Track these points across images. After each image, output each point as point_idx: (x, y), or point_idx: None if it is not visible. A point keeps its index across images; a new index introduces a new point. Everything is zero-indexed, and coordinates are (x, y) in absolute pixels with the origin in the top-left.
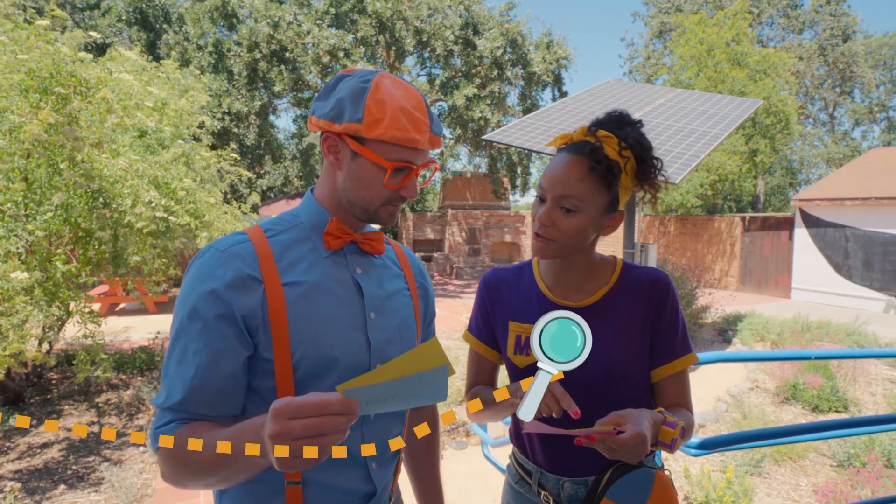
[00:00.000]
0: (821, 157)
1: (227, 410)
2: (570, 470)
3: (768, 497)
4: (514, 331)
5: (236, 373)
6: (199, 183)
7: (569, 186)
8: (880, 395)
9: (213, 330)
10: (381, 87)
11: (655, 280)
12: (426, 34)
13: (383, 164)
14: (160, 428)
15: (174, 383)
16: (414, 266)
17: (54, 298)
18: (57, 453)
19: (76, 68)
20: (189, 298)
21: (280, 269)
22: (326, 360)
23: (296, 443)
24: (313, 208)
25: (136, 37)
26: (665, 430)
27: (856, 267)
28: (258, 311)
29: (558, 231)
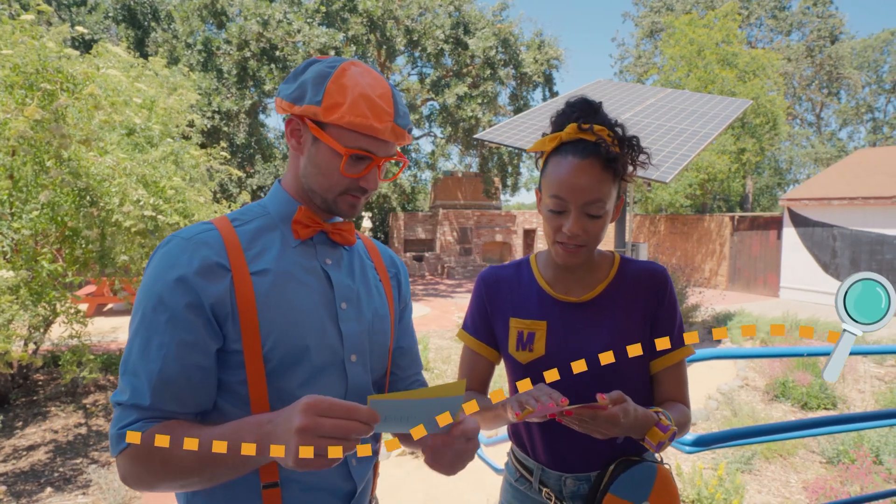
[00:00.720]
0: (808, 157)
1: (196, 406)
2: (571, 466)
3: (759, 494)
4: (515, 327)
5: (206, 365)
6: (189, 182)
7: (593, 192)
8: (868, 392)
9: (181, 321)
10: (347, 73)
11: (653, 273)
12: (417, 33)
13: (339, 150)
14: (125, 427)
15: (138, 379)
16: (385, 257)
17: (40, 298)
18: (43, 455)
19: (62, 64)
20: (154, 288)
21: (248, 257)
22: (298, 350)
23: (321, 440)
24: (281, 198)
25: (124, 34)
26: (655, 431)
27: (843, 266)
28: (226, 300)
29: (588, 237)
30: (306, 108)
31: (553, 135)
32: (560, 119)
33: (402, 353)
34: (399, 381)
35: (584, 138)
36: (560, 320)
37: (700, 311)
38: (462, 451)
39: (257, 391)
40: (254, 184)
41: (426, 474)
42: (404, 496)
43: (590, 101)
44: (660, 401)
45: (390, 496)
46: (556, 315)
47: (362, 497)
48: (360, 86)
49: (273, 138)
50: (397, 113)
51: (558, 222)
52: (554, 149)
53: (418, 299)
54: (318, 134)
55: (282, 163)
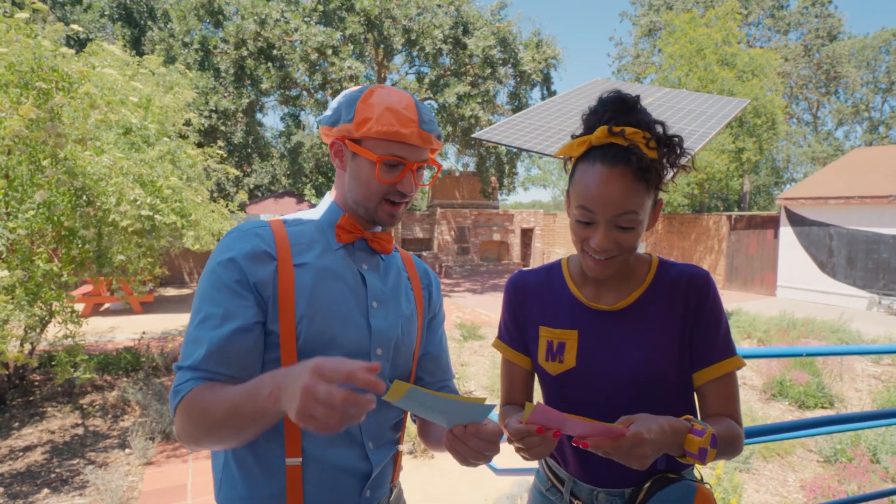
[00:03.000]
0: (805, 156)
1: (242, 371)
2: (604, 480)
3: (757, 493)
4: (544, 336)
5: (253, 334)
6: (186, 181)
7: (623, 205)
8: (865, 392)
9: (233, 294)
10: (375, 93)
11: (693, 278)
12: (415, 33)
13: (372, 158)
14: (179, 385)
15: (195, 346)
16: (420, 270)
17: (36, 298)
18: (40, 456)
19: (58, 62)
20: (213, 268)
21: (293, 251)
22: (327, 337)
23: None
24: (331, 208)
25: (120, 33)
26: (692, 438)
27: (839, 265)
28: (269, 284)
29: (618, 249)
30: (342, 127)
31: (582, 138)
32: (591, 119)
33: (430, 359)
34: (427, 386)
35: (615, 142)
36: (592, 330)
37: None
38: (480, 449)
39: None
40: (251, 183)
41: (425, 473)
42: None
43: (624, 99)
44: (705, 416)
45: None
46: (588, 324)
47: (380, 481)
48: (386, 101)
49: (270, 137)
50: (422, 119)
51: (585, 234)
52: (583, 153)
53: None
54: (355, 149)
55: (279, 162)
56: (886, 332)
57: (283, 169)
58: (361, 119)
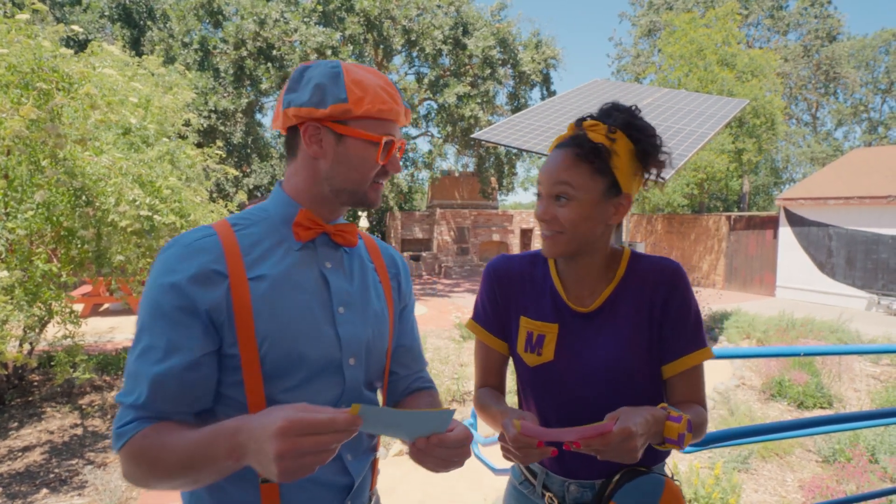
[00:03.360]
0: (804, 157)
1: (192, 407)
2: (576, 472)
3: (756, 493)
4: (525, 327)
5: (201, 368)
6: (185, 181)
7: (559, 176)
8: (864, 392)
9: (176, 324)
10: (352, 70)
11: (662, 270)
12: (414, 33)
13: (375, 139)
14: (123, 427)
15: (137, 380)
16: (386, 256)
17: (35, 298)
18: (39, 456)
19: (58, 63)
20: (151, 293)
21: (246, 263)
22: (294, 355)
23: (302, 459)
24: (283, 201)
25: (119, 33)
26: (670, 425)
27: (839, 265)
28: (223, 306)
29: (559, 223)
30: (333, 108)
31: (559, 136)
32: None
33: (403, 351)
34: (401, 379)
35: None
36: (571, 327)
37: None
38: (448, 457)
39: (254, 394)
40: (250, 183)
41: (424, 474)
42: (401, 496)
43: (615, 104)
44: (672, 403)
45: (387, 495)
46: (567, 321)
47: (360, 491)
48: (369, 78)
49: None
50: (401, 98)
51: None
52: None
53: (415, 299)
54: (345, 131)
55: (278, 162)
56: (885, 333)
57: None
58: (357, 97)
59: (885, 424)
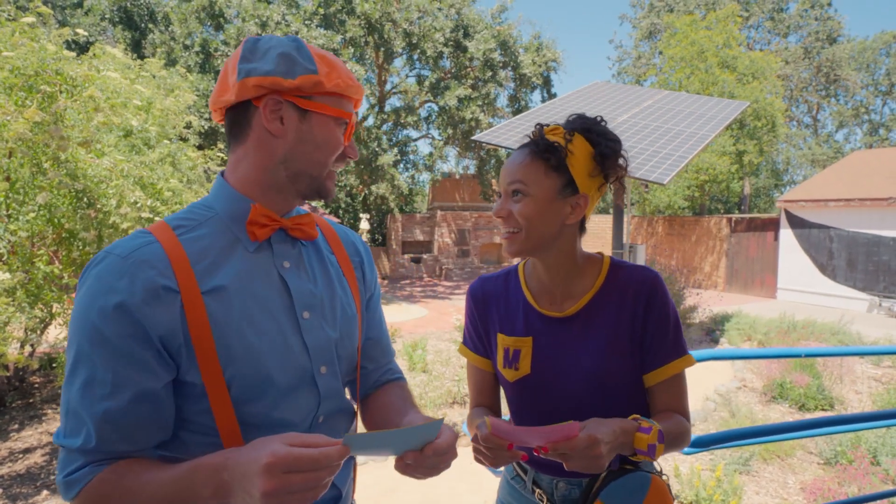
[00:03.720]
0: (805, 159)
1: (149, 442)
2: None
3: (757, 495)
4: (501, 344)
5: (156, 400)
6: (186, 183)
7: (514, 174)
8: (865, 394)
9: (124, 354)
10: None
11: (642, 280)
12: (415, 36)
13: (344, 116)
14: (72, 474)
15: (82, 420)
16: (347, 244)
17: (37, 300)
18: (40, 458)
19: (62, 66)
20: (88, 317)
21: (197, 273)
22: (261, 376)
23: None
24: (228, 195)
25: (121, 36)
26: (640, 436)
27: (840, 267)
28: (177, 329)
29: (515, 220)
30: (303, 79)
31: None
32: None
33: (371, 344)
34: (370, 373)
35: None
36: (545, 337)
37: (698, 313)
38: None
39: (225, 419)
40: None
41: None
42: (400, 498)
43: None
44: (654, 412)
45: (387, 497)
46: (541, 331)
47: (346, 499)
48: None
49: None
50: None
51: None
52: None
53: (416, 301)
54: (311, 106)
55: None
56: (887, 335)
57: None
58: (326, 70)
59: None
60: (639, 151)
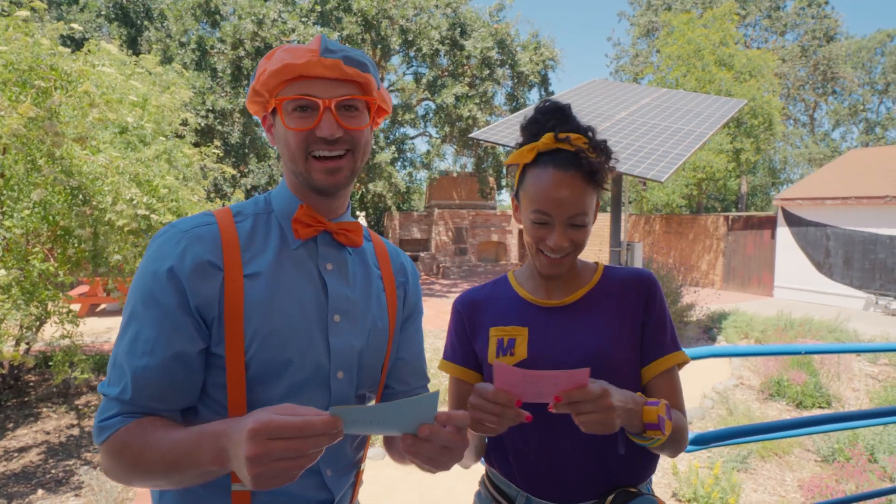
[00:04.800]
0: (802, 157)
1: (178, 404)
2: (564, 495)
3: (755, 493)
4: (494, 335)
5: (190, 363)
6: (182, 180)
7: (577, 206)
8: (862, 391)
9: (170, 316)
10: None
11: (640, 278)
12: (412, 33)
13: (273, 103)
14: (106, 420)
15: (123, 372)
16: (395, 263)
17: (32, 298)
18: (35, 457)
19: (57, 61)
20: (144, 280)
21: (244, 258)
22: (280, 362)
23: (274, 465)
24: (284, 193)
25: (116, 33)
26: (648, 408)
27: (836, 265)
28: (214, 303)
29: (573, 246)
30: (249, 94)
31: (530, 146)
32: (534, 127)
33: (402, 365)
34: (397, 395)
35: (561, 148)
36: (542, 325)
37: (695, 311)
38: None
39: (236, 398)
40: (248, 183)
41: (421, 476)
42: (398, 497)
43: (562, 107)
44: None
45: (385, 498)
46: (537, 320)
47: None
48: (286, 47)
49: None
50: (325, 48)
51: (541, 234)
52: (532, 160)
53: None
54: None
55: (276, 162)
56: (883, 332)
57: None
58: (260, 72)
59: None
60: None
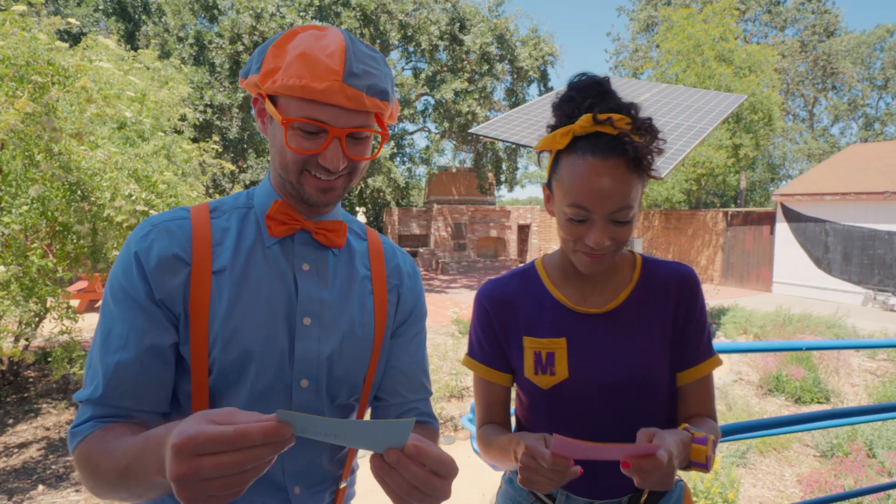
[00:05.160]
0: (801, 153)
1: (152, 403)
2: (601, 491)
3: (754, 487)
4: (530, 347)
5: (164, 356)
6: (181, 176)
7: (621, 198)
8: (861, 387)
9: (139, 308)
10: (297, 36)
11: (684, 277)
12: (411, 28)
13: (279, 121)
14: (78, 427)
15: (96, 371)
16: (389, 264)
17: (31, 294)
18: (36, 452)
19: (54, 56)
20: (115, 275)
21: (214, 254)
22: (240, 365)
23: (206, 484)
24: (264, 189)
25: (114, 28)
26: (697, 448)
27: (835, 261)
28: (179, 298)
29: (615, 244)
30: (249, 79)
31: (565, 129)
32: (569, 107)
33: (395, 374)
34: (389, 407)
35: (601, 131)
36: (581, 336)
37: None
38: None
39: (199, 406)
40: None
41: None
42: None
43: (600, 82)
44: (685, 416)
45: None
46: (576, 330)
47: None
48: (304, 46)
49: None
50: (349, 71)
51: (579, 231)
52: (567, 145)
53: None
54: (270, 109)
55: None
56: (882, 328)
57: None
58: (268, 69)
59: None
60: None
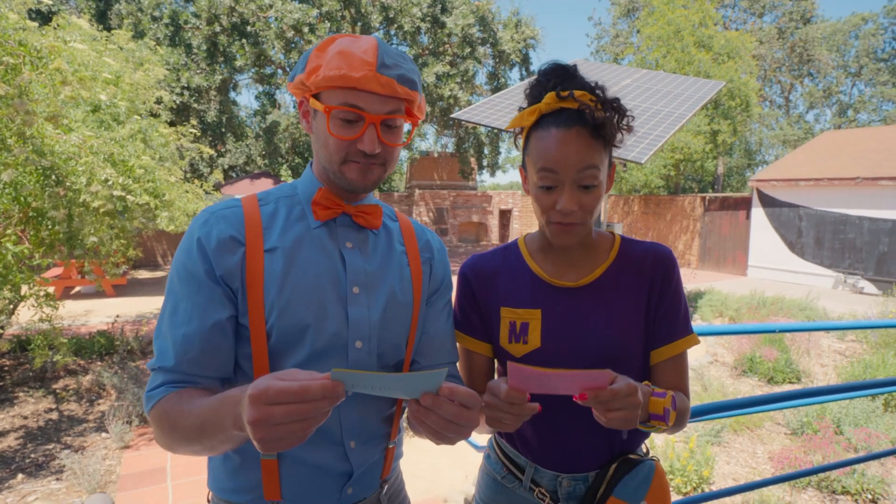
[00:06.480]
0: (777, 139)
1: (217, 371)
2: (569, 465)
3: (728, 465)
4: (506, 317)
5: (225, 330)
6: (158, 161)
7: (584, 160)
8: (830, 367)
9: (200, 285)
10: (334, 40)
11: (660, 255)
12: (393, 10)
13: (322, 109)
14: (152, 391)
15: (165, 343)
16: (421, 240)
17: (6, 281)
18: (13, 441)
19: (26, 36)
20: (179, 258)
21: (265, 235)
22: (298, 329)
23: (276, 429)
24: (307, 179)
25: (85, 6)
26: (655, 400)
27: (808, 245)
28: (237, 274)
29: (583, 212)
30: (297, 80)
31: (531, 108)
32: (536, 90)
33: (427, 339)
34: (421, 369)
35: (565, 107)
36: (556, 308)
37: None
38: (450, 418)
39: (261, 367)
40: (225, 163)
41: (404, 451)
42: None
43: (565, 66)
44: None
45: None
46: (551, 302)
47: (365, 479)
48: (342, 46)
49: (245, 116)
50: (382, 63)
51: (550, 199)
52: (534, 123)
53: None
54: (314, 104)
55: (254, 142)
56: (851, 310)
57: (259, 149)
58: (312, 67)
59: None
60: None
